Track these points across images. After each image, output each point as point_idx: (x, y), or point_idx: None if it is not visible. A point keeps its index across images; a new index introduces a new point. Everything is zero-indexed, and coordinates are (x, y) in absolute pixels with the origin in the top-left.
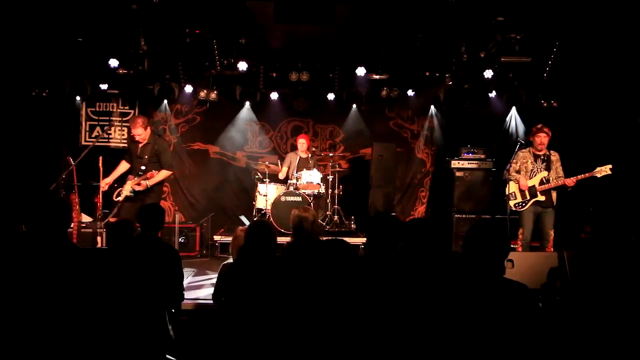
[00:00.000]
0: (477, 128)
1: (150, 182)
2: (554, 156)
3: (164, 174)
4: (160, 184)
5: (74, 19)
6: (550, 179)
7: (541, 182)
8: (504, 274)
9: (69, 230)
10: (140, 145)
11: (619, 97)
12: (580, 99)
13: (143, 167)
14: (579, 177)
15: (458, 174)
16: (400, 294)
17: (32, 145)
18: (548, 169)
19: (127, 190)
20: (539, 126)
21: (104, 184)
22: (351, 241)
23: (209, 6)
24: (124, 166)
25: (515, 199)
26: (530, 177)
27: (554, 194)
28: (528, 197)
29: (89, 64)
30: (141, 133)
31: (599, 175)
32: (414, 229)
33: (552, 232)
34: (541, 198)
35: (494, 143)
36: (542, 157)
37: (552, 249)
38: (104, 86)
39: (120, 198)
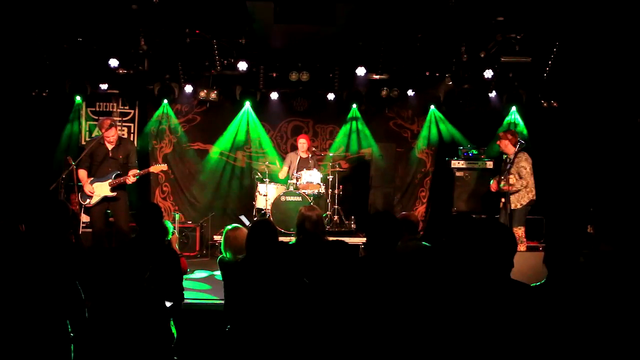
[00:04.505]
0: (477, 128)
1: (133, 179)
2: (518, 158)
3: (136, 172)
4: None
5: (74, 19)
6: (508, 182)
7: (501, 185)
8: (509, 273)
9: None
10: (112, 146)
11: (619, 97)
12: (580, 99)
13: (117, 171)
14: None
15: (458, 174)
16: (403, 292)
17: (32, 145)
18: (508, 171)
19: (104, 191)
20: (499, 134)
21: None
22: (351, 241)
23: (209, 6)
24: (84, 174)
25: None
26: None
27: (511, 196)
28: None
29: (89, 64)
30: (114, 134)
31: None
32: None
33: (517, 230)
34: (504, 199)
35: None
36: (508, 160)
37: (522, 245)
38: (104, 86)
39: (93, 200)
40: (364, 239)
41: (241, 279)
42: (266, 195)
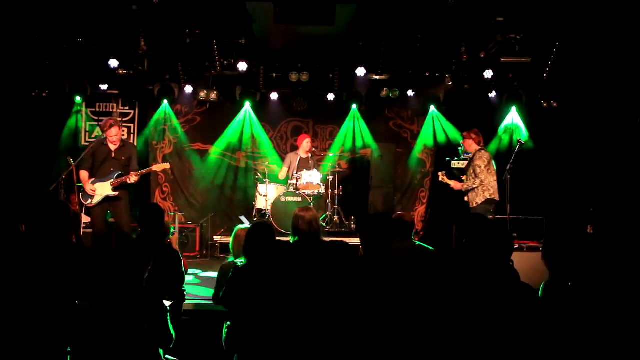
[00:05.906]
0: (478, 128)
1: (136, 178)
2: (475, 156)
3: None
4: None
5: (74, 19)
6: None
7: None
8: (510, 272)
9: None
10: (115, 147)
11: (619, 97)
12: (580, 99)
13: (119, 171)
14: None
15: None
16: (401, 293)
17: (32, 145)
18: (467, 171)
19: (105, 190)
20: (463, 134)
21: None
22: (351, 241)
23: (209, 6)
24: (85, 174)
25: None
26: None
27: (469, 194)
28: None
29: (89, 64)
30: (116, 133)
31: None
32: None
33: None
34: (466, 198)
35: (493, 143)
36: (470, 159)
37: None
38: (104, 86)
39: (94, 200)
40: None
41: (244, 283)
42: (266, 196)
